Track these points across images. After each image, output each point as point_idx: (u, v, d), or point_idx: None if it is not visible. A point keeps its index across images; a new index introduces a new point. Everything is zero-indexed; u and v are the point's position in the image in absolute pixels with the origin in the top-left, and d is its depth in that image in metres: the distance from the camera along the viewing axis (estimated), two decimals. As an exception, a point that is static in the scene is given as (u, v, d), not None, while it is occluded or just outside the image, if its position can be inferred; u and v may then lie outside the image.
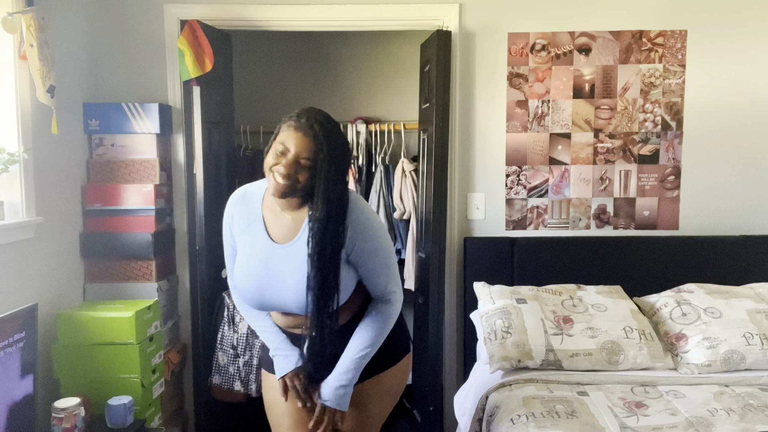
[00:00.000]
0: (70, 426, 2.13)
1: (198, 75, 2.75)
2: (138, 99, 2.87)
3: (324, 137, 1.55)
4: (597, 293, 2.65)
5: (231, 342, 2.83)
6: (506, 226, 3.04)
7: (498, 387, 2.27)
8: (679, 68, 2.97)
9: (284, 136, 1.58)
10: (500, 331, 2.44)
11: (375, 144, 3.47)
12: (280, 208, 1.68)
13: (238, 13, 2.89)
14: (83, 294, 2.77)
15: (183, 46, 2.72)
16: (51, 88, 2.34)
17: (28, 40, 2.24)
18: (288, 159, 1.56)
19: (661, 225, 3.04)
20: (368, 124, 3.47)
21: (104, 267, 2.76)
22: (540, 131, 2.99)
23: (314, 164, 1.55)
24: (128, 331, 2.40)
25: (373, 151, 3.46)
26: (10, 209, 2.30)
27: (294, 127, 1.57)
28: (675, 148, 3.01)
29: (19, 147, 2.29)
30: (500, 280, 2.85)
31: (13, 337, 2.00)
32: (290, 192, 1.58)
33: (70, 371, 2.41)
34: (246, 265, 1.69)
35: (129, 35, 2.89)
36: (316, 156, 1.55)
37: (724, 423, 1.93)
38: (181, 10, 2.86)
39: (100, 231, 2.75)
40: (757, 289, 2.67)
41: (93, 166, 2.78)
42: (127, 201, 2.73)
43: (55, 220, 2.53)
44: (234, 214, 1.75)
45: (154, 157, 2.77)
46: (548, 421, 1.95)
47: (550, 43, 2.96)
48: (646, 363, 2.37)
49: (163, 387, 2.64)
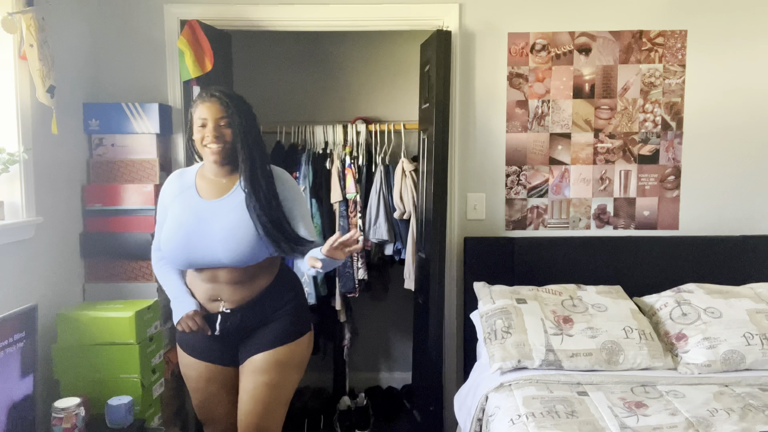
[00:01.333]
0: (70, 426, 2.13)
1: (198, 75, 2.75)
2: (138, 99, 2.87)
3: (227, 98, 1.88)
4: (597, 293, 2.65)
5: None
6: (506, 226, 3.04)
7: (498, 387, 2.27)
8: (679, 68, 2.97)
9: (199, 112, 1.89)
10: (500, 331, 2.44)
11: (375, 144, 3.46)
12: (214, 176, 1.96)
13: (238, 13, 2.89)
14: (83, 294, 2.77)
15: (183, 46, 2.72)
16: (51, 88, 2.34)
17: (28, 40, 2.23)
18: (210, 126, 1.87)
19: (661, 225, 3.04)
20: (368, 124, 3.47)
21: (104, 267, 2.76)
22: (540, 131, 2.99)
23: (230, 121, 1.87)
24: (128, 331, 2.40)
25: (373, 151, 3.46)
26: (10, 209, 2.30)
27: (201, 100, 1.90)
28: (675, 148, 3.01)
29: (19, 147, 2.29)
30: (500, 280, 2.85)
31: (13, 337, 1.99)
32: (224, 154, 1.89)
33: (70, 371, 2.41)
34: (177, 222, 1.92)
35: (129, 35, 2.89)
36: (228, 113, 1.87)
37: (724, 423, 1.93)
38: (181, 10, 2.86)
39: (100, 231, 2.75)
40: (757, 289, 2.67)
41: (93, 166, 2.78)
42: (127, 201, 2.73)
43: (55, 220, 2.53)
44: (167, 189, 2.03)
45: (154, 157, 2.77)
46: (548, 421, 1.95)
47: (550, 43, 2.96)
48: (646, 363, 2.37)
49: (163, 387, 2.64)
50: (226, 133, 1.88)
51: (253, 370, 1.98)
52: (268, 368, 1.97)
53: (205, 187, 1.97)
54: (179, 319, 1.97)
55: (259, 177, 1.88)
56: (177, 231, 1.92)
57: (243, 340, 2.01)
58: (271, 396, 1.98)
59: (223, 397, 2.07)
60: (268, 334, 1.99)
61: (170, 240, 1.93)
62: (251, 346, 2.00)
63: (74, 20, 2.73)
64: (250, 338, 2.00)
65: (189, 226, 1.91)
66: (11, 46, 2.27)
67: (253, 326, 1.99)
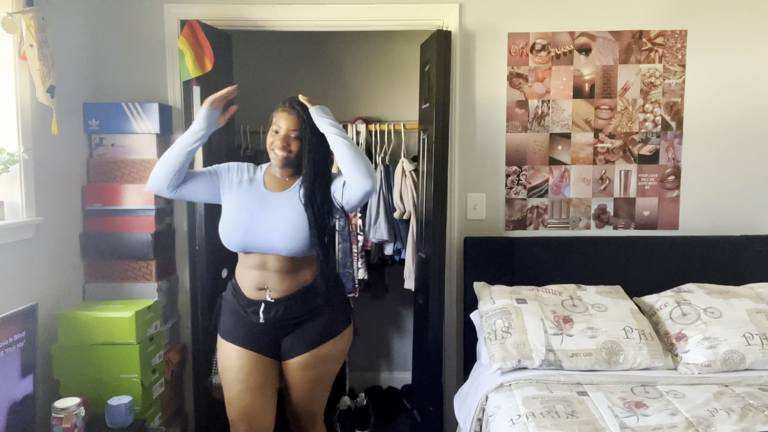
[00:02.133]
0: (70, 426, 2.13)
1: (198, 75, 2.75)
2: (138, 99, 2.87)
3: (305, 114, 1.98)
4: (597, 293, 2.65)
5: (231, 342, 2.84)
6: (506, 226, 3.04)
7: (498, 387, 2.27)
8: (679, 68, 2.97)
9: (276, 118, 2.02)
10: (500, 331, 2.44)
11: (375, 144, 3.47)
12: (279, 175, 2.09)
13: (238, 13, 2.89)
14: (83, 294, 2.77)
15: (183, 46, 2.72)
16: (51, 88, 2.34)
17: (28, 40, 2.23)
18: (281, 134, 2.00)
19: (661, 225, 3.04)
20: (368, 124, 3.47)
21: (104, 267, 2.76)
22: (540, 131, 2.99)
23: (301, 135, 1.99)
24: (128, 331, 2.40)
25: (373, 151, 3.46)
26: (10, 209, 2.30)
27: (281, 109, 2.02)
28: (675, 148, 3.01)
29: (19, 147, 2.29)
30: (500, 280, 2.85)
31: (13, 337, 2.00)
32: (287, 161, 2.01)
33: (70, 371, 2.41)
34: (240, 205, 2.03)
35: (129, 35, 2.89)
36: (302, 128, 1.98)
37: (724, 423, 1.93)
38: (181, 10, 2.86)
39: (100, 231, 2.75)
40: (757, 289, 2.67)
41: (93, 166, 2.78)
42: (127, 201, 2.73)
43: (55, 220, 2.53)
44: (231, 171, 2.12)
45: (154, 157, 2.77)
46: (548, 421, 1.95)
47: (550, 43, 2.96)
48: (646, 363, 2.37)
49: (163, 387, 2.64)
50: (293, 144, 2.00)
51: (298, 367, 2.08)
52: (313, 365, 2.08)
53: (270, 181, 2.09)
54: (208, 101, 2.06)
55: (317, 192, 1.99)
56: (239, 213, 2.02)
57: (286, 335, 2.07)
58: (317, 386, 2.13)
59: (262, 392, 2.05)
60: (310, 330, 2.06)
61: (231, 221, 2.03)
62: (295, 344, 2.07)
63: (74, 20, 2.73)
64: (293, 334, 2.06)
65: (252, 212, 2.02)
66: (11, 46, 2.27)
67: (295, 320, 2.05)
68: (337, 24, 2.96)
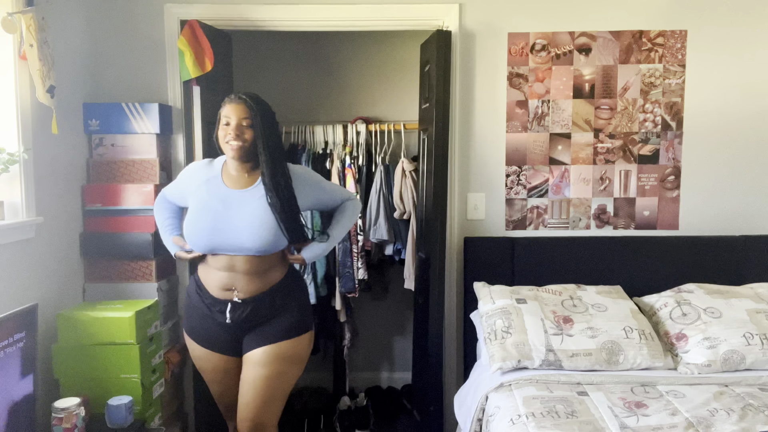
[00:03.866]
0: (70, 426, 2.13)
1: (198, 75, 2.75)
2: (138, 99, 2.86)
3: (253, 102, 2.00)
4: (597, 293, 2.65)
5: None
6: (506, 226, 3.04)
7: (498, 387, 2.27)
8: (679, 68, 2.97)
9: (225, 111, 2.02)
10: (500, 331, 2.44)
11: (375, 144, 3.47)
12: (236, 171, 2.06)
13: (238, 13, 2.89)
14: (83, 294, 2.77)
15: (183, 46, 2.72)
16: (51, 88, 2.34)
17: (28, 40, 2.23)
18: (233, 125, 1.99)
19: (661, 225, 3.04)
20: (368, 124, 3.47)
21: (104, 267, 2.76)
22: (540, 131, 2.99)
23: (253, 122, 1.99)
24: (128, 331, 2.40)
25: (373, 151, 3.46)
26: (10, 209, 2.30)
27: (228, 102, 2.03)
28: (675, 148, 3.01)
29: (19, 147, 2.29)
30: (500, 280, 2.85)
31: (13, 337, 2.00)
32: (244, 152, 2.00)
33: (70, 371, 2.41)
34: (204, 206, 2.02)
35: (129, 35, 2.89)
36: (252, 115, 1.99)
37: (724, 423, 1.93)
38: (181, 10, 2.86)
39: (100, 231, 2.75)
40: (757, 289, 2.67)
41: (93, 166, 2.78)
42: (127, 201, 2.73)
43: (55, 220, 2.53)
44: (194, 174, 2.14)
45: (154, 157, 2.77)
46: (548, 421, 1.95)
47: (550, 43, 2.96)
48: (646, 363, 2.37)
49: (163, 387, 2.64)
50: (247, 132, 1.99)
51: (255, 362, 2.05)
52: (269, 361, 2.04)
53: (230, 180, 2.07)
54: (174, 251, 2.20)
55: (279, 177, 1.99)
56: (202, 215, 2.02)
57: (247, 332, 2.07)
58: (270, 389, 2.05)
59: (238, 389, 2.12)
60: (272, 328, 2.06)
61: (195, 223, 2.03)
62: (255, 338, 2.06)
63: (74, 20, 2.73)
64: (254, 331, 2.07)
65: (216, 212, 2.01)
66: (11, 46, 2.27)
67: (260, 319, 2.06)
68: (337, 24, 2.96)
